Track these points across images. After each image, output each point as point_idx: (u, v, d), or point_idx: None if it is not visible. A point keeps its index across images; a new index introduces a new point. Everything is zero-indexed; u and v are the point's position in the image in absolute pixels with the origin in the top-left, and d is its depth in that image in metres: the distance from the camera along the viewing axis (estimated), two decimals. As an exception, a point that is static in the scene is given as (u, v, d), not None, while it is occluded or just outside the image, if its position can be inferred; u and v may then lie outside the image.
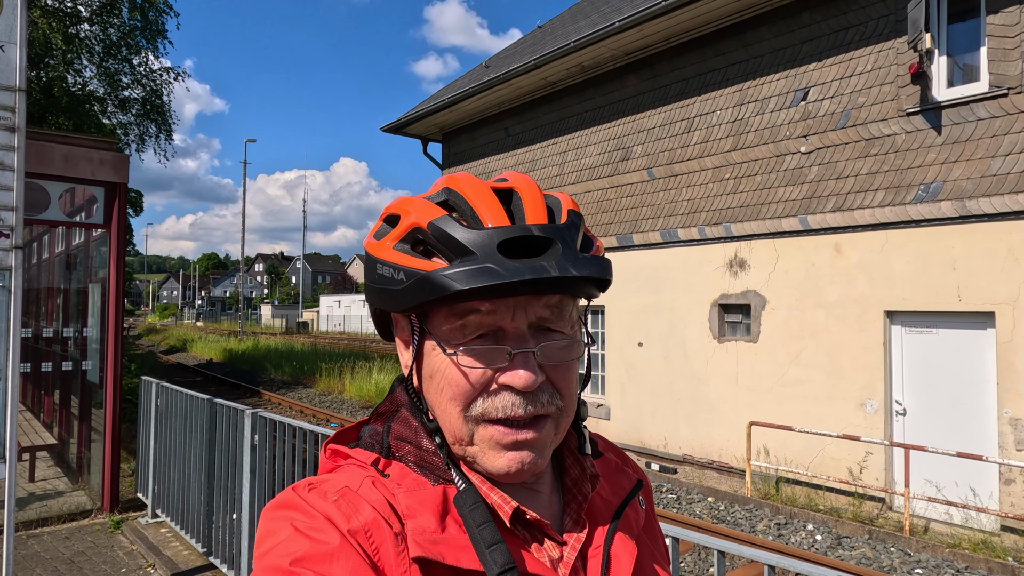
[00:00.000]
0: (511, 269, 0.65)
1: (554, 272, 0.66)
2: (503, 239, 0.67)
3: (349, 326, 52.19)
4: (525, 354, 0.69)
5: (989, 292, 6.82)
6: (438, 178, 0.78)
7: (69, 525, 6.05)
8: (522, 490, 0.76)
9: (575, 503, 0.79)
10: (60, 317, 8.39)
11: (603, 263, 0.72)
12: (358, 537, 0.65)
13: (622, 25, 9.47)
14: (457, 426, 0.71)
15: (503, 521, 0.71)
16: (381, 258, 0.72)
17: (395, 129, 14.87)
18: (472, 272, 0.65)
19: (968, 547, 6.45)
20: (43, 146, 5.93)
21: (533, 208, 0.70)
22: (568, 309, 0.73)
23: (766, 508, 7.68)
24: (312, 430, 3.82)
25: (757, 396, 8.80)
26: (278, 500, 0.70)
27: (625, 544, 0.78)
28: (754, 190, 8.93)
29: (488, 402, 0.70)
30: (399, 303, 0.70)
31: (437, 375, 0.72)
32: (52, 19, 14.39)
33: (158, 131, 18.37)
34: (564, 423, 0.74)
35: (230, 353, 27.39)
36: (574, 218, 0.73)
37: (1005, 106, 6.81)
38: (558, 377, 0.72)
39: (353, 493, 0.69)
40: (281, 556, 0.62)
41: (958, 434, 7.13)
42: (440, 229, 0.68)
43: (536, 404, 0.70)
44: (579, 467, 0.81)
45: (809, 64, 8.42)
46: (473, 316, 0.69)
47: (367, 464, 0.74)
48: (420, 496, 0.69)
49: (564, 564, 0.73)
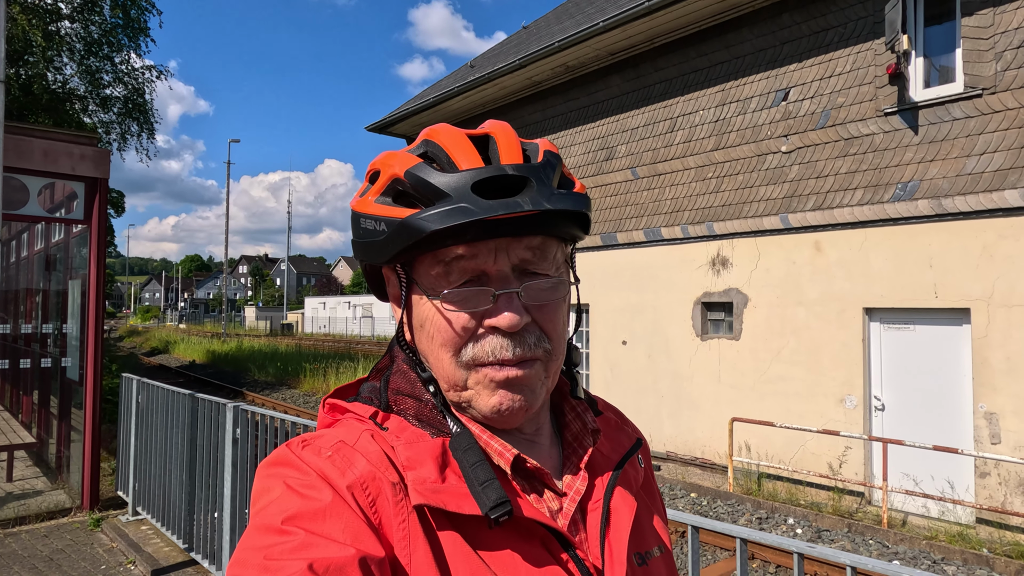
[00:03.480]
0: (485, 207, 0.65)
1: (527, 207, 0.66)
2: (477, 180, 0.67)
3: (334, 328, 51.90)
4: (509, 295, 0.69)
5: (964, 289, 6.95)
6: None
7: (48, 523, 5.98)
8: (521, 440, 0.76)
9: (575, 456, 0.79)
10: (40, 315, 8.29)
11: (579, 197, 0.71)
12: (353, 491, 0.64)
13: (606, 25, 9.54)
14: (451, 371, 0.71)
15: (503, 470, 0.71)
16: (364, 212, 0.73)
17: (380, 129, 14.84)
18: (446, 212, 0.65)
19: (945, 539, 6.56)
20: (22, 140, 5.87)
21: (508, 150, 0.71)
22: (552, 251, 0.73)
23: (748, 503, 7.76)
24: (294, 422, 3.82)
25: (739, 393, 8.88)
26: (272, 457, 0.70)
27: (625, 498, 0.78)
28: (736, 189, 9.03)
29: (478, 346, 0.70)
30: (382, 254, 0.71)
31: (427, 323, 0.72)
32: (32, 16, 14.22)
33: (140, 130, 18.20)
34: (554, 366, 0.74)
35: (213, 355, 27.14)
36: (550, 158, 0.73)
37: (980, 106, 6.94)
38: (544, 319, 0.72)
39: (348, 447, 0.68)
40: (273, 515, 0.62)
41: (935, 428, 7.25)
42: (416, 176, 0.69)
43: (524, 347, 0.70)
44: (580, 422, 0.81)
45: (790, 65, 8.53)
46: (456, 262, 0.69)
47: (365, 418, 0.73)
48: (419, 448, 0.69)
49: (563, 515, 0.74)
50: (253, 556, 0.59)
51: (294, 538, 0.60)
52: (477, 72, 12.60)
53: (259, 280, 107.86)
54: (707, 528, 1.85)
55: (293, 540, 0.59)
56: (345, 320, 50.78)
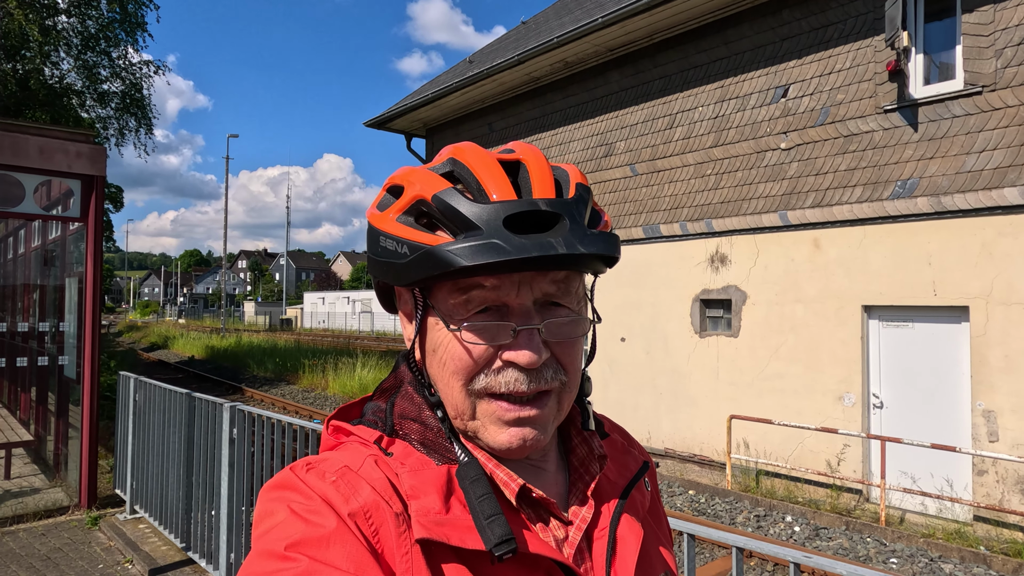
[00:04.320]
0: (517, 246, 0.63)
1: (561, 249, 0.64)
2: (509, 214, 0.65)
3: (333, 323, 51.91)
4: (530, 331, 0.68)
5: (963, 287, 6.94)
6: (442, 149, 0.77)
7: (46, 522, 5.98)
8: (527, 467, 0.74)
9: (581, 483, 0.78)
10: (36, 312, 8.28)
11: (611, 239, 0.70)
12: (357, 519, 0.63)
13: (605, 21, 9.50)
14: (459, 400, 0.70)
15: (508, 499, 0.70)
16: (384, 230, 0.70)
17: (378, 124, 14.79)
18: (477, 248, 0.63)
19: (942, 537, 6.57)
20: (17, 138, 5.84)
21: (540, 181, 0.69)
22: (575, 284, 0.72)
23: (746, 500, 7.76)
24: (291, 422, 3.81)
25: (737, 390, 8.88)
26: (276, 480, 0.69)
27: (631, 526, 0.76)
28: (735, 186, 9.01)
29: (491, 377, 0.69)
30: (402, 277, 0.69)
31: (440, 349, 0.71)
32: (28, 10, 14.15)
33: (138, 125, 18.17)
34: (567, 399, 0.73)
35: (212, 350, 27.14)
36: (582, 192, 0.71)
37: (980, 103, 6.92)
38: (563, 353, 0.71)
39: (353, 473, 0.67)
40: (276, 540, 0.61)
41: (933, 426, 7.26)
42: (445, 202, 0.66)
43: (540, 380, 0.69)
44: (586, 447, 0.79)
45: (789, 61, 8.50)
46: (477, 291, 0.68)
47: (370, 442, 0.72)
48: (424, 476, 0.68)
49: (569, 544, 0.72)
50: None
51: (297, 565, 0.59)
52: (476, 68, 12.55)
53: (258, 275, 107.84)
54: (703, 536, 1.84)
55: (296, 567, 0.59)
56: (344, 316, 50.79)
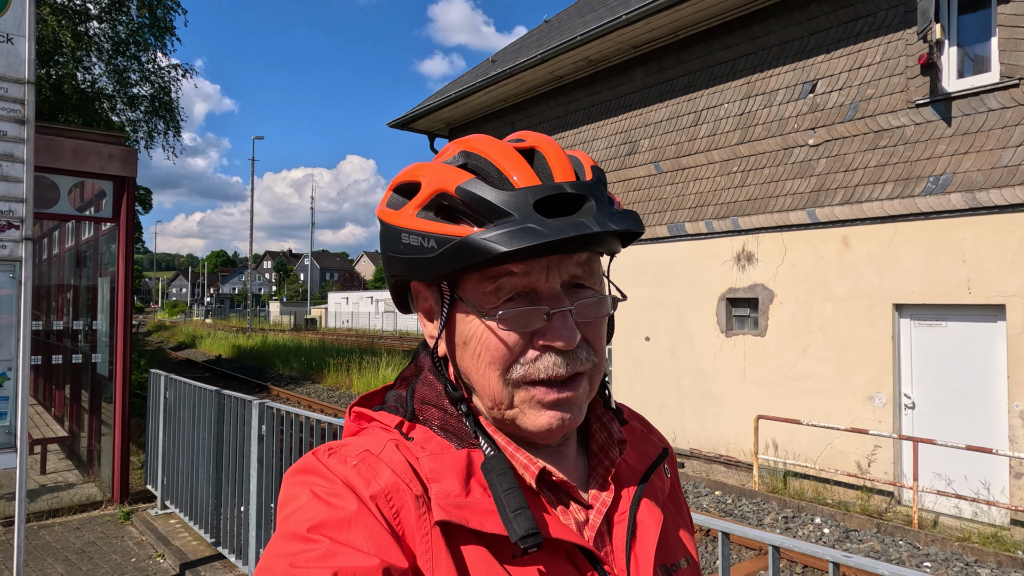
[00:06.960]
0: (553, 228, 0.63)
1: (595, 227, 0.65)
2: (539, 198, 0.65)
3: (357, 323, 52.33)
4: (563, 314, 0.68)
5: (999, 284, 6.77)
6: (446, 144, 0.76)
7: (80, 516, 6.11)
8: (548, 452, 0.75)
9: (601, 468, 0.78)
10: (70, 311, 8.46)
11: (635, 215, 0.71)
12: (377, 501, 0.65)
13: (629, 18, 9.44)
14: (497, 390, 0.70)
15: (528, 483, 0.71)
16: (407, 227, 0.70)
17: (401, 125, 14.87)
18: (514, 233, 0.63)
19: (978, 541, 6.41)
20: (53, 140, 5.97)
21: (559, 166, 0.70)
22: (597, 266, 0.74)
23: (773, 502, 7.66)
24: (319, 419, 3.84)
25: (764, 390, 8.77)
26: (299, 465, 0.70)
27: (651, 510, 0.77)
28: (762, 183, 8.89)
29: (530, 365, 0.69)
30: (430, 272, 0.69)
31: (472, 341, 0.71)
32: (61, 17, 14.47)
33: (167, 128, 18.47)
34: (597, 379, 0.74)
35: (239, 349, 27.53)
36: (599, 174, 0.73)
37: (1016, 96, 6.74)
38: (591, 334, 0.72)
39: (374, 457, 0.68)
40: (299, 522, 0.63)
41: (967, 427, 7.09)
42: (471, 192, 0.66)
43: (575, 362, 0.70)
44: (605, 432, 0.80)
45: (817, 56, 8.36)
46: (507, 279, 0.68)
47: (391, 427, 0.73)
48: (444, 460, 0.69)
49: (589, 527, 0.73)
50: (279, 563, 0.60)
51: (319, 546, 0.60)
52: (498, 67, 12.56)
53: (283, 275, 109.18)
54: (739, 535, 1.81)
55: (318, 548, 0.60)
56: (368, 315, 51.18)
